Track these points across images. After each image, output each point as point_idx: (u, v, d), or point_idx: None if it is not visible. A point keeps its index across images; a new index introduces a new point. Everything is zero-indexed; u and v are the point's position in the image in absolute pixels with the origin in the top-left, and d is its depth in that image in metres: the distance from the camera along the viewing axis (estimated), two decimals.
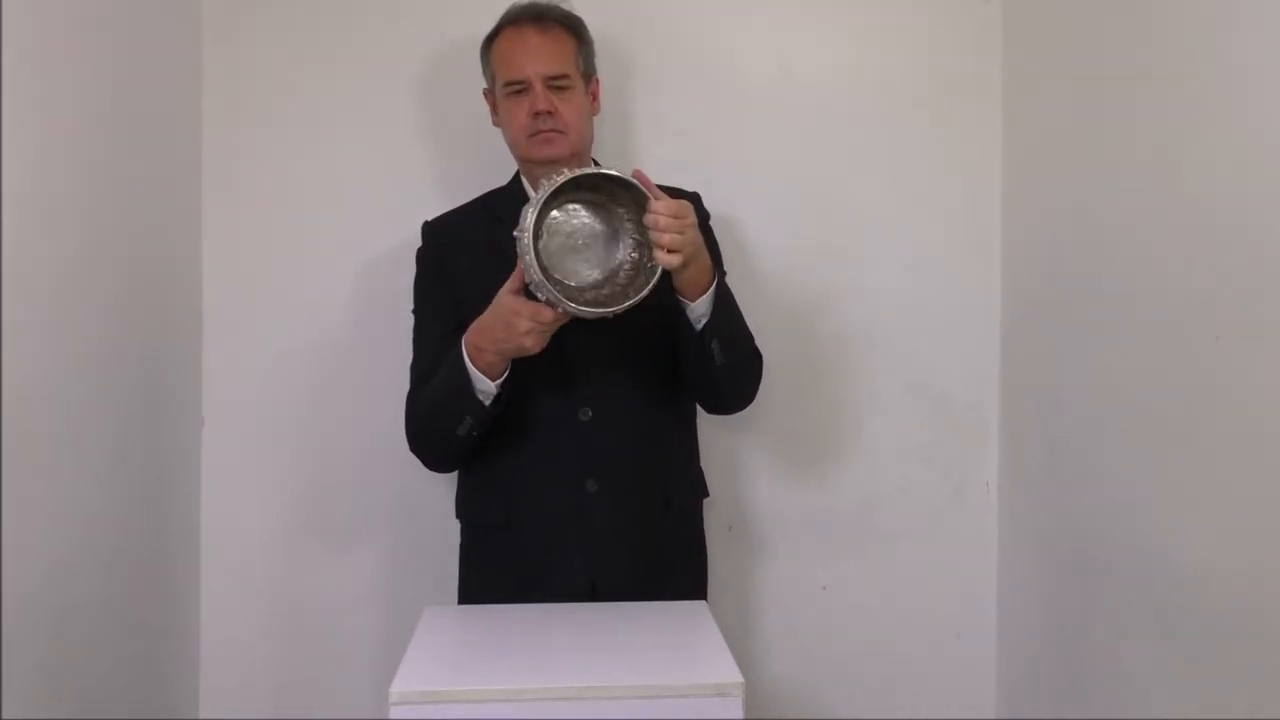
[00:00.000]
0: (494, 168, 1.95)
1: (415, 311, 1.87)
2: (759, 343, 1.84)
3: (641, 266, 1.63)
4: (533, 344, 1.60)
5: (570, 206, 1.64)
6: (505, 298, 1.60)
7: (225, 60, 2.15)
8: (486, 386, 1.67)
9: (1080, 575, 1.91)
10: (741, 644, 2.18)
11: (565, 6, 1.87)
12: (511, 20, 1.84)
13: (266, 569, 2.17)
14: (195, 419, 2.15)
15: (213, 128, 2.15)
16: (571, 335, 1.66)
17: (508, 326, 1.60)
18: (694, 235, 1.59)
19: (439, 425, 1.74)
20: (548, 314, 1.57)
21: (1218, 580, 1.53)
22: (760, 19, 2.21)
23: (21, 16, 1.50)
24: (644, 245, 1.61)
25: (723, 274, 1.90)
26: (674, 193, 1.85)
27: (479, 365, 1.65)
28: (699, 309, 1.67)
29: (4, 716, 1.47)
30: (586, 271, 1.66)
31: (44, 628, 1.59)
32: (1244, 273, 1.48)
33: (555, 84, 1.81)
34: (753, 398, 1.87)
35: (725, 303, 1.70)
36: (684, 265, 1.59)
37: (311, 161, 2.16)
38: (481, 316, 1.64)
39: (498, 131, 1.90)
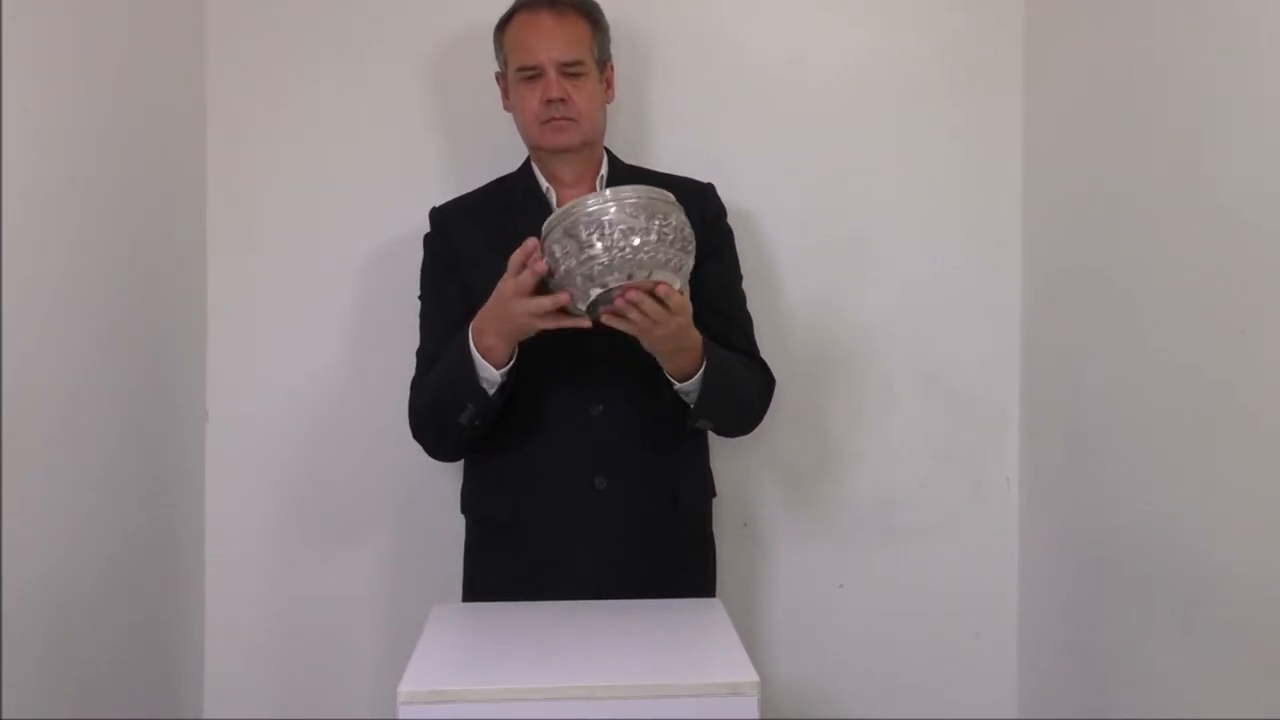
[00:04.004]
0: (502, 158, 1.93)
1: (422, 298, 1.85)
2: (769, 342, 1.81)
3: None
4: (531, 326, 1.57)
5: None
6: (506, 283, 1.56)
7: (228, 52, 2.13)
8: (491, 375, 1.64)
9: (1102, 572, 1.89)
10: (756, 643, 2.15)
11: None
12: (527, 3, 1.81)
13: (271, 566, 2.16)
14: (199, 414, 2.13)
15: (216, 122, 2.13)
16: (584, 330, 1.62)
17: (505, 313, 1.56)
18: (670, 329, 1.54)
19: (441, 411, 1.71)
20: (547, 302, 1.53)
21: (1241, 577, 1.51)
22: (776, 7, 2.18)
23: (22, 17, 1.48)
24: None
25: (739, 279, 1.89)
26: (688, 184, 1.82)
27: (484, 350, 1.62)
28: (687, 387, 1.67)
29: (4, 717, 1.45)
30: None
31: (44, 627, 1.57)
32: (1269, 265, 1.45)
33: (569, 70, 1.77)
34: (758, 422, 1.86)
35: (716, 383, 1.67)
36: (669, 354, 1.62)
37: (316, 154, 2.14)
38: (485, 305, 1.61)
39: (505, 123, 1.88)
